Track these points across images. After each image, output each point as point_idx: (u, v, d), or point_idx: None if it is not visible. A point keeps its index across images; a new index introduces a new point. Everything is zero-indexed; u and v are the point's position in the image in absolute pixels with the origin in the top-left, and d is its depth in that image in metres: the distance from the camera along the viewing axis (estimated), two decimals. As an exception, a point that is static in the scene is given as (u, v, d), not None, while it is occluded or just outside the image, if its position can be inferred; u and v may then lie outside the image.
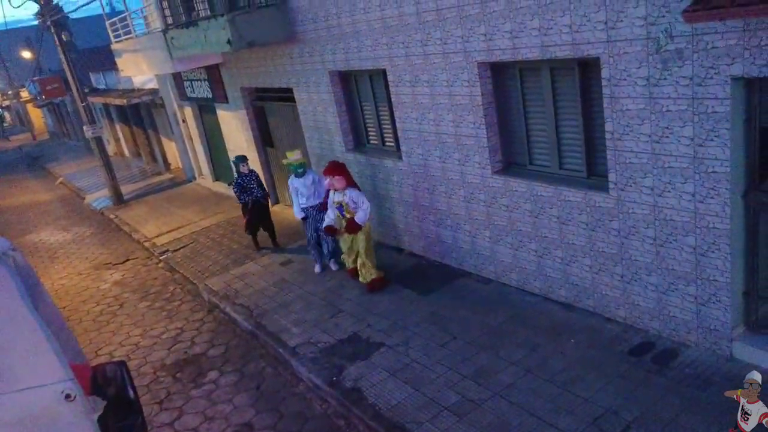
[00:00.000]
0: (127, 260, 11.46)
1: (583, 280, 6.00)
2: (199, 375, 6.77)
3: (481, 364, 5.63)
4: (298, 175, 8.25)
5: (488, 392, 5.21)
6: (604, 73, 5.02)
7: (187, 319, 8.25)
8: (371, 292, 7.42)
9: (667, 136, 4.74)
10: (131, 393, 4.10)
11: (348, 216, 7.34)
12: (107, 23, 13.23)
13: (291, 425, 5.60)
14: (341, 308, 7.29)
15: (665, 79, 4.60)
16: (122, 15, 12.42)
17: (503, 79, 6.33)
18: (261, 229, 9.79)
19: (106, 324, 8.68)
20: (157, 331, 8.09)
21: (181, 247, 11.11)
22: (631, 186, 5.18)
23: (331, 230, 7.63)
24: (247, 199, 9.48)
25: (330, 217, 7.60)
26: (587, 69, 5.41)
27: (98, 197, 17.11)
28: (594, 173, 5.75)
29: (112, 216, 14.94)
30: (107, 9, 15.85)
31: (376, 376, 5.78)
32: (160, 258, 10.92)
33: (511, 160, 6.62)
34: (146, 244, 11.88)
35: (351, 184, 7.42)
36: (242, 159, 9.59)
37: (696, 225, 4.80)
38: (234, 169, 9.59)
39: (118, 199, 15.95)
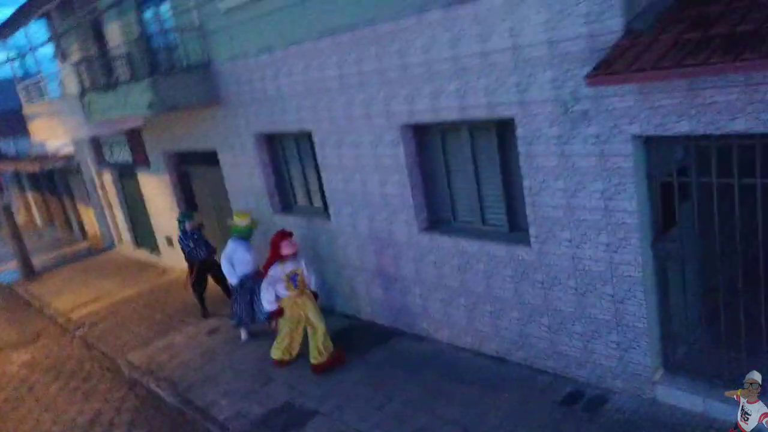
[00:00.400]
0: (38, 338, 10.59)
1: (512, 333, 6.09)
2: (118, 460, 6.24)
3: (418, 425, 5.52)
4: (244, 239, 7.94)
5: (427, 455, 5.09)
6: (519, 132, 5.30)
7: (105, 399, 7.64)
8: (328, 370, 6.78)
9: (580, 191, 5.02)
10: None
11: (301, 284, 6.89)
12: (19, 86, 12.73)
13: None
14: (272, 376, 7.00)
15: (575, 138, 4.91)
16: (36, 77, 12.01)
17: (426, 140, 6.55)
18: (206, 289, 9.28)
19: (12, 411, 7.89)
20: (71, 414, 7.42)
21: (100, 321, 10.42)
22: (550, 239, 5.40)
23: (279, 313, 6.95)
24: (193, 254, 8.95)
25: (270, 299, 6.85)
26: (504, 129, 5.68)
27: (5, 270, 15.93)
28: (516, 228, 5.96)
29: (21, 290, 13.90)
30: (20, 72, 15.22)
31: (310, 447, 5.54)
32: (76, 334, 10.18)
33: (437, 217, 6.77)
34: (60, 320, 11.07)
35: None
36: (188, 216, 9.11)
37: (612, 274, 5.03)
38: (178, 227, 9.15)
39: (29, 272, 14.92)
